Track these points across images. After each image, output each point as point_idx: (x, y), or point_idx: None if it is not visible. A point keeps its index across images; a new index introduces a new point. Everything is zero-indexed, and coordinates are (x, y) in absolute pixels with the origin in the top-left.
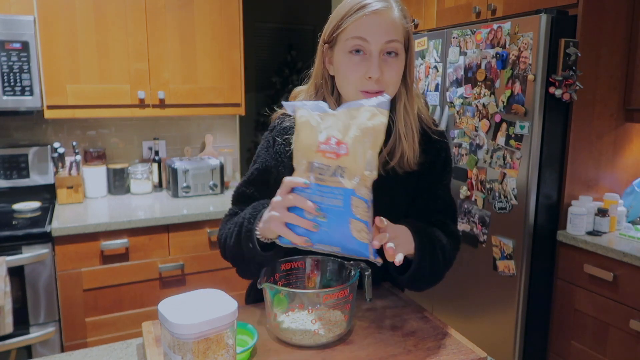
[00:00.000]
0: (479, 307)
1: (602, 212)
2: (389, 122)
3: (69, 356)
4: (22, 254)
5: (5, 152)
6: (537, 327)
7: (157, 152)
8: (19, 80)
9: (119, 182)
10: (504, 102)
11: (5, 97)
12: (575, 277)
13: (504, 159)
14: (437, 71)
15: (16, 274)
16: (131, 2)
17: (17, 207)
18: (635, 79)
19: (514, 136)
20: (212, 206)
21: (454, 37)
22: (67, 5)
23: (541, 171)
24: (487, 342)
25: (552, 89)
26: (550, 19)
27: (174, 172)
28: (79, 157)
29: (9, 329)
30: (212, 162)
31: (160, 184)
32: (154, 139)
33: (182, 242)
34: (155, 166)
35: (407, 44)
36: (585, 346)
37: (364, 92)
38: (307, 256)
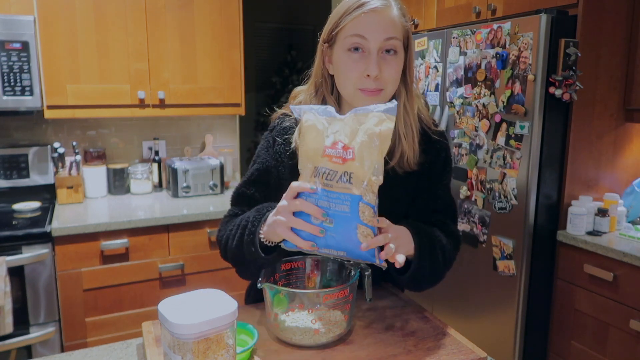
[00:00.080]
0: (479, 307)
1: (602, 212)
2: None
3: (69, 356)
4: (22, 254)
5: (5, 152)
6: (537, 327)
7: (157, 152)
8: (19, 80)
9: (119, 182)
10: (504, 102)
11: (5, 97)
12: (575, 277)
13: (504, 159)
14: (437, 71)
15: (16, 274)
16: (131, 2)
17: (17, 207)
18: (635, 79)
19: (514, 136)
20: (212, 206)
21: (454, 37)
22: (67, 5)
23: (541, 171)
24: (487, 342)
25: (552, 89)
26: (550, 19)
27: (174, 172)
28: (79, 157)
29: (9, 329)
30: (212, 162)
31: (160, 184)
32: (154, 139)
33: (182, 242)
34: (155, 166)
35: (407, 42)
36: (585, 346)
37: (363, 90)
38: (307, 256)
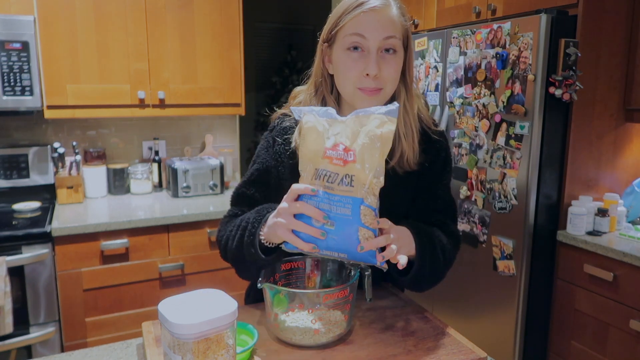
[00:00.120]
0: (479, 307)
1: (602, 212)
2: None
3: (69, 356)
4: (22, 254)
5: (5, 152)
6: (537, 327)
7: (157, 152)
8: (19, 80)
9: (119, 182)
10: (504, 102)
11: (5, 97)
12: (575, 277)
13: (504, 159)
14: (437, 71)
15: (16, 274)
16: (131, 2)
17: (17, 207)
18: (635, 79)
19: (514, 136)
20: (212, 206)
21: (454, 37)
22: (67, 5)
23: (541, 171)
24: (487, 342)
25: (552, 89)
26: (550, 19)
27: (174, 172)
28: (79, 157)
29: (9, 329)
30: (212, 162)
31: (160, 184)
32: (154, 139)
33: (182, 242)
34: (155, 166)
35: (406, 42)
36: (585, 346)
37: (362, 89)
38: (307, 256)
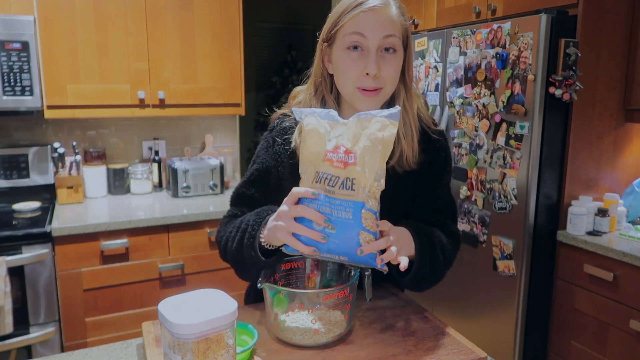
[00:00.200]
0: (479, 307)
1: (602, 212)
2: None
3: (69, 356)
4: (22, 254)
5: (5, 152)
6: (537, 327)
7: (157, 152)
8: (19, 80)
9: (119, 182)
10: (504, 102)
11: (5, 97)
12: (575, 277)
13: (504, 159)
14: (437, 71)
15: (16, 274)
16: (131, 2)
17: (17, 207)
18: (635, 79)
19: (514, 136)
20: (212, 206)
21: (454, 37)
22: (67, 5)
23: (541, 171)
24: (487, 342)
25: (552, 89)
26: (550, 19)
27: (174, 172)
28: (79, 157)
29: (9, 329)
30: (212, 162)
31: (160, 184)
32: (154, 139)
33: (182, 242)
34: (155, 166)
35: (406, 41)
36: (585, 346)
37: (362, 89)
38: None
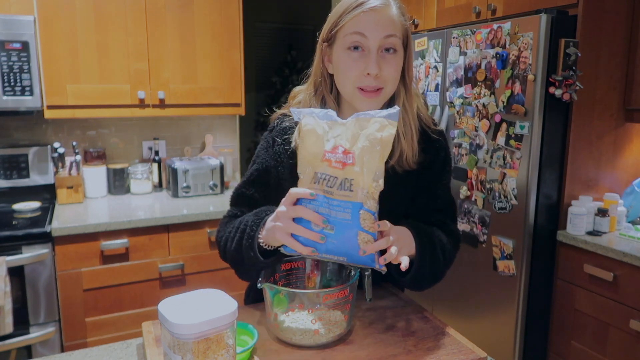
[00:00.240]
0: (479, 307)
1: (602, 212)
2: None
3: (69, 356)
4: (22, 254)
5: (5, 152)
6: (537, 327)
7: (157, 152)
8: (19, 80)
9: (119, 182)
10: (504, 102)
11: (5, 97)
12: (575, 277)
13: (504, 159)
14: (437, 71)
15: (16, 274)
16: (131, 2)
17: (17, 207)
18: (635, 79)
19: (514, 136)
20: (212, 206)
21: (454, 37)
22: (67, 5)
23: (541, 171)
24: (487, 342)
25: (552, 89)
26: (550, 19)
27: (174, 172)
28: (79, 157)
29: (9, 329)
30: (212, 162)
31: (160, 184)
32: (154, 139)
33: (182, 242)
34: (155, 166)
35: (406, 41)
36: (585, 346)
37: (362, 88)
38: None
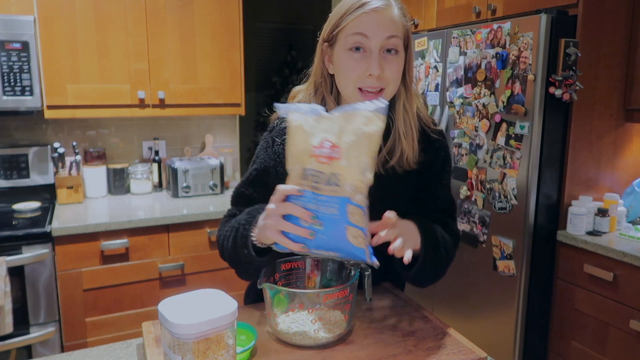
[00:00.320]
0: (479, 307)
1: (602, 212)
2: (389, 121)
3: (69, 356)
4: (22, 254)
5: (5, 152)
6: (537, 327)
7: (157, 152)
8: (19, 80)
9: (119, 182)
10: (504, 102)
11: (5, 97)
12: (575, 277)
13: (504, 159)
14: (437, 71)
15: (16, 274)
16: (131, 2)
17: (17, 207)
18: (635, 79)
19: (514, 136)
20: (212, 206)
21: (454, 37)
22: (67, 5)
23: (541, 171)
24: (487, 342)
25: (552, 89)
26: (550, 19)
27: (174, 172)
28: (79, 157)
29: (9, 329)
30: (212, 162)
31: (160, 184)
32: (154, 139)
33: (182, 242)
34: (155, 166)
35: (407, 42)
36: (585, 346)
37: (363, 89)
38: (307, 256)
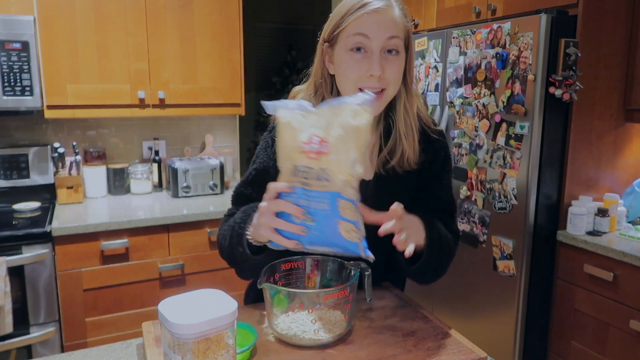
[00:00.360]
0: (479, 307)
1: (602, 212)
2: (389, 121)
3: (69, 356)
4: (22, 254)
5: (5, 152)
6: (537, 327)
7: (157, 152)
8: (19, 80)
9: (119, 182)
10: (504, 102)
11: (5, 97)
12: (575, 277)
13: (504, 159)
14: (437, 71)
15: (16, 274)
16: (131, 2)
17: (17, 207)
18: (635, 79)
19: (514, 136)
20: (212, 206)
21: (454, 37)
22: (67, 5)
23: (541, 171)
24: (487, 342)
25: (552, 89)
26: (550, 19)
27: (174, 172)
28: (79, 157)
29: (9, 329)
30: (212, 162)
31: (160, 184)
32: (154, 139)
33: (182, 242)
34: (155, 166)
35: (407, 42)
36: (585, 346)
37: (365, 90)
38: (307, 256)
